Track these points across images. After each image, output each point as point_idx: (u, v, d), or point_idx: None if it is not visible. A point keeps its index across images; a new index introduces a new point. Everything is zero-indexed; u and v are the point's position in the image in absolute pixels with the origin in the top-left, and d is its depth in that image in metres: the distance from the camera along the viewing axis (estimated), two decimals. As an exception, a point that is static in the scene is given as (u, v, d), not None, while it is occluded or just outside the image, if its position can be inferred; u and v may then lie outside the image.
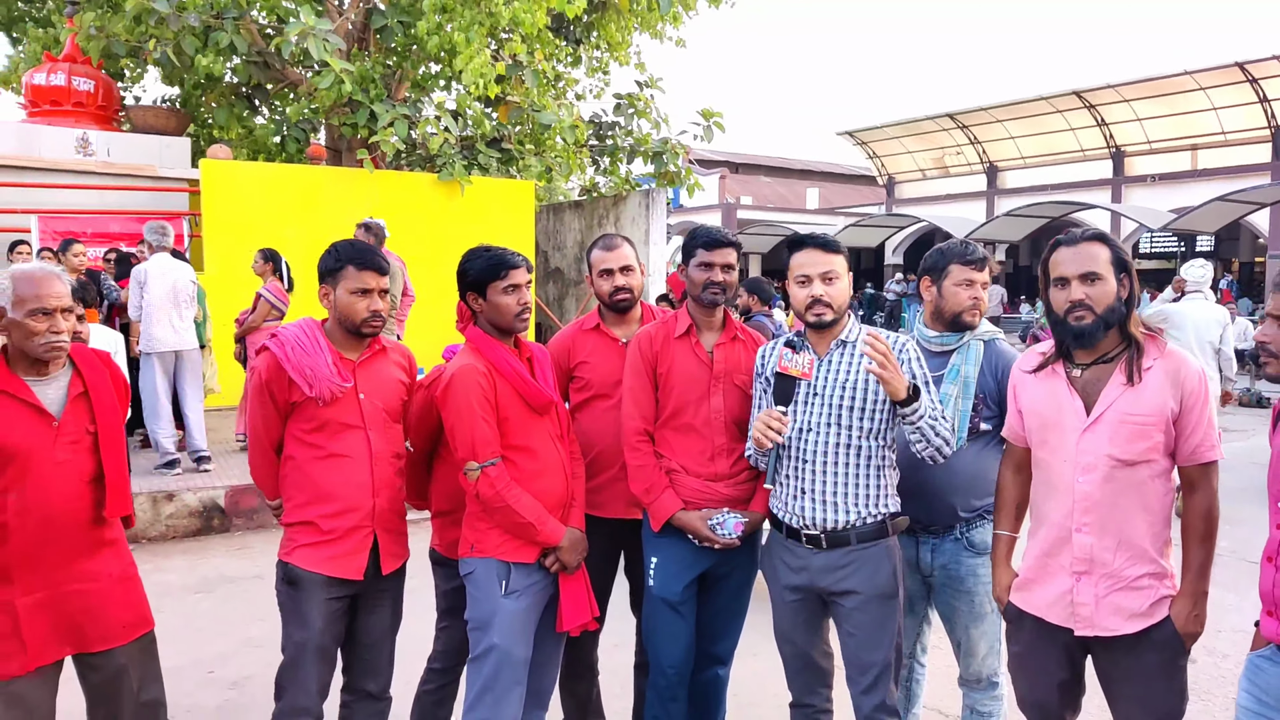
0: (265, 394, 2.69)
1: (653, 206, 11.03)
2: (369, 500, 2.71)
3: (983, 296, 2.87)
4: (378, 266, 2.71)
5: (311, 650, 2.67)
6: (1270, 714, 2.02)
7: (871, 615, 2.53)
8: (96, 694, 2.59)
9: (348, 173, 10.10)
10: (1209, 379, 2.76)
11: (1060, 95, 26.33)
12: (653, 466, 2.82)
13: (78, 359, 2.53)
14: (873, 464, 2.55)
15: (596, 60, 12.45)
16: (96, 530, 2.52)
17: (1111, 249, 2.28)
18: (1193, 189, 23.28)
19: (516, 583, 2.64)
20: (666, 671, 2.85)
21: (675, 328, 2.87)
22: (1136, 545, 2.25)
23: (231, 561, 5.77)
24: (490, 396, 2.63)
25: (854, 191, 39.20)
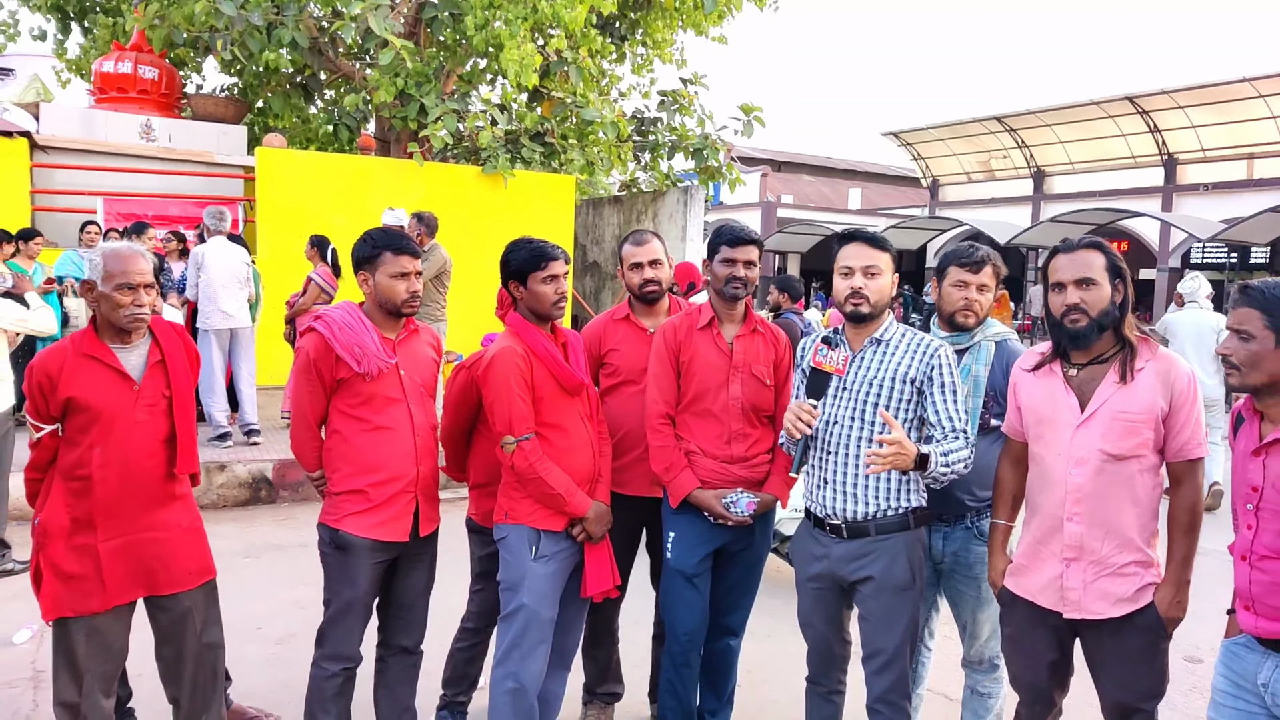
0: (312, 372, 2.88)
1: (691, 203, 11.19)
2: (413, 468, 2.93)
3: (978, 299, 2.94)
4: (412, 251, 2.93)
5: (356, 607, 2.92)
6: (1245, 695, 2.17)
7: (886, 604, 2.65)
8: (164, 633, 2.86)
9: (395, 163, 10.41)
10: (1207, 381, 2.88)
11: (1112, 100, 25.93)
12: (673, 447, 3.01)
13: (156, 330, 2.80)
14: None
15: (641, 57, 12.63)
16: (168, 485, 2.79)
17: (1107, 256, 2.42)
18: (1246, 199, 22.82)
19: (545, 548, 2.87)
20: (680, 638, 3.05)
21: (698, 319, 3.06)
22: (1124, 535, 2.39)
23: (278, 530, 6.08)
24: (527, 377, 2.85)
25: (897, 193, 38.95)
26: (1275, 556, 2.08)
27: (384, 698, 3.09)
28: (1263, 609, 2.11)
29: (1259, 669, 2.14)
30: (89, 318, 2.78)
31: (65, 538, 2.68)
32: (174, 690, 2.92)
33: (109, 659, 2.77)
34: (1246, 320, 2.09)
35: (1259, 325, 2.07)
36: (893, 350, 2.67)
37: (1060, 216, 24.00)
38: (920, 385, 2.64)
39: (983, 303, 2.96)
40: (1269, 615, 2.10)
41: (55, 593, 2.68)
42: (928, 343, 2.67)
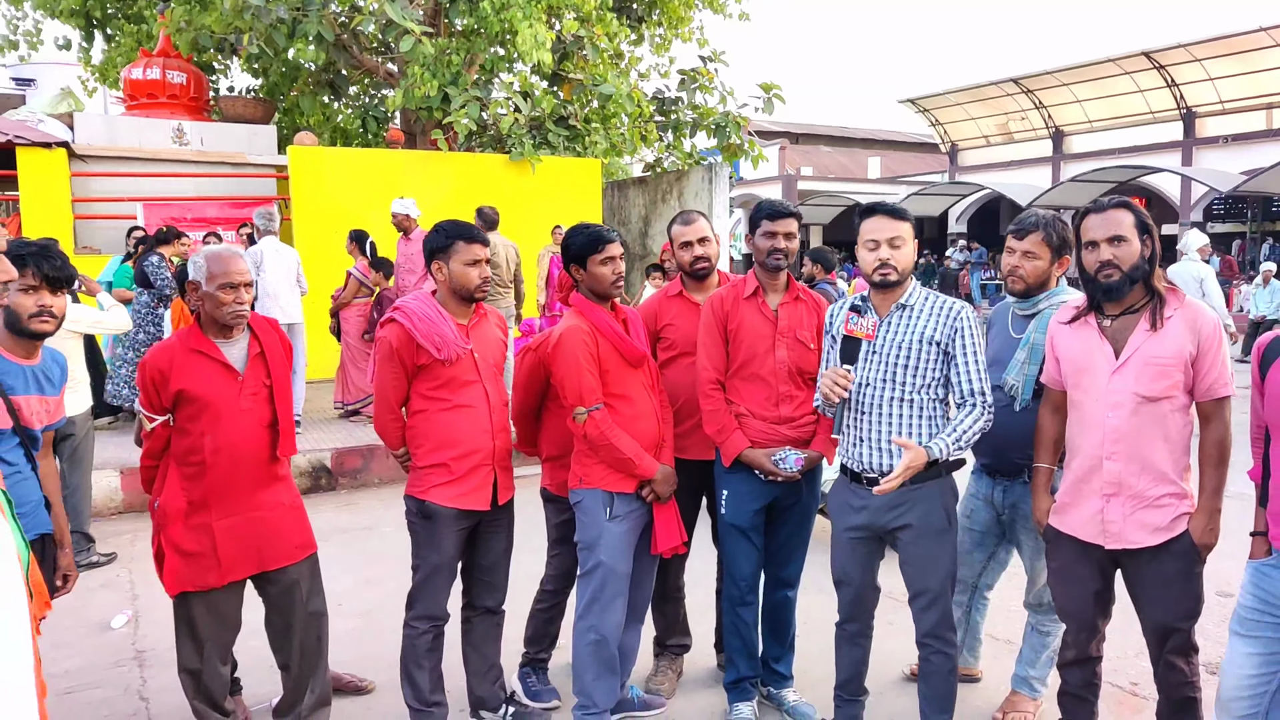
0: (395, 360, 3.10)
1: (715, 180, 11.34)
2: (490, 442, 3.17)
3: (1023, 264, 3.14)
4: (483, 240, 3.15)
5: (443, 570, 3.17)
6: (1273, 611, 2.36)
7: (926, 547, 2.85)
8: (274, 605, 3.12)
9: (424, 155, 10.63)
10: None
11: (1128, 56, 25.69)
12: (724, 410, 3.23)
13: (254, 325, 3.04)
14: (924, 414, 2.83)
15: (659, 37, 12.75)
16: (272, 467, 3.04)
17: (1135, 214, 2.61)
18: (1267, 149, 22.59)
19: (619, 509, 3.10)
20: (739, 583, 3.32)
21: (744, 289, 3.27)
22: (1158, 469, 2.59)
23: (341, 515, 6.36)
24: (593, 352, 3.07)
25: (917, 160, 38.73)
26: None
27: (471, 655, 3.34)
28: None
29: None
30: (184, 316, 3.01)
31: (183, 519, 2.93)
32: (284, 657, 3.18)
33: (226, 629, 3.03)
34: None
35: None
36: (918, 314, 2.84)
37: (1080, 176, 23.88)
38: (945, 346, 2.80)
39: (1028, 269, 3.15)
40: None
41: (177, 569, 2.93)
42: (950, 305, 2.84)
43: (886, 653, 3.53)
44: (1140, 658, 2.89)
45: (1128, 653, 3.78)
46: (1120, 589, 2.78)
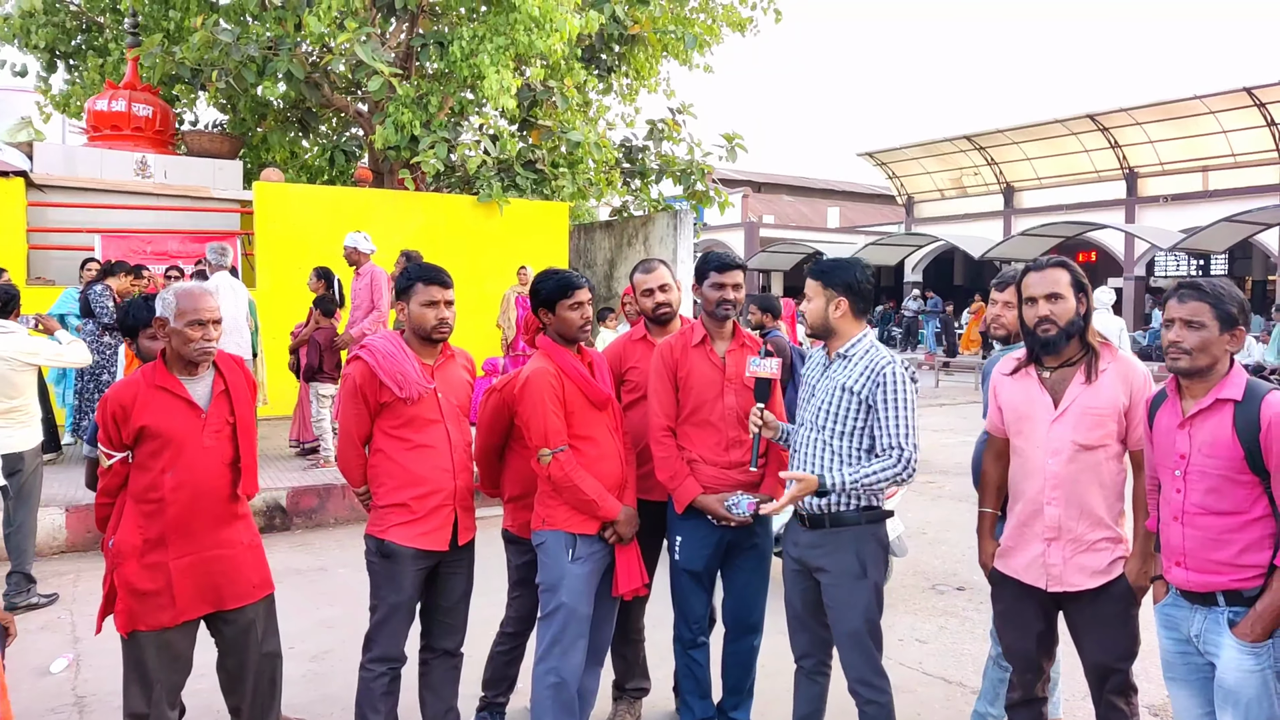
0: (358, 396, 3.13)
1: (680, 227, 11.52)
2: (451, 482, 3.18)
3: (1003, 314, 3.46)
4: (442, 281, 3.20)
5: (401, 611, 3.15)
6: (1189, 652, 2.49)
7: (840, 592, 2.93)
8: (228, 645, 3.08)
9: (392, 195, 10.67)
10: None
11: (1075, 118, 26.71)
12: (676, 457, 3.29)
13: (219, 362, 3.04)
14: (846, 463, 2.91)
15: (627, 88, 13.00)
16: (232, 505, 3.02)
17: (1071, 274, 2.75)
18: (1204, 209, 23.53)
19: (581, 550, 3.12)
20: (691, 625, 3.38)
21: (692, 338, 3.36)
22: (1095, 514, 2.71)
23: (296, 555, 6.26)
24: (559, 394, 3.12)
25: (874, 210, 39.59)
26: (1206, 513, 2.40)
27: (429, 698, 3.31)
28: (1195, 563, 2.42)
29: (1189, 623, 2.46)
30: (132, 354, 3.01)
31: (138, 557, 2.89)
32: (235, 700, 3.13)
33: (177, 670, 2.98)
34: (1199, 313, 2.41)
35: (1209, 316, 2.39)
36: (851, 364, 2.95)
37: (1030, 230, 24.61)
38: (866, 399, 2.89)
39: (1009, 319, 3.44)
40: (1200, 569, 2.41)
41: (130, 608, 2.89)
42: (879, 360, 2.92)
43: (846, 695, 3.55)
44: (1087, 699, 2.97)
45: (1075, 695, 3.86)
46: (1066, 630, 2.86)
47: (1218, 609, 2.41)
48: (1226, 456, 2.36)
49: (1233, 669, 2.35)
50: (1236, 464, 2.34)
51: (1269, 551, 2.33)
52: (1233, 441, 2.34)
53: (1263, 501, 2.35)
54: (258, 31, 9.69)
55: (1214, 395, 2.40)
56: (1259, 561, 2.34)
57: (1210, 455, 2.39)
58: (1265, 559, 2.33)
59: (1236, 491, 2.36)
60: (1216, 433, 2.38)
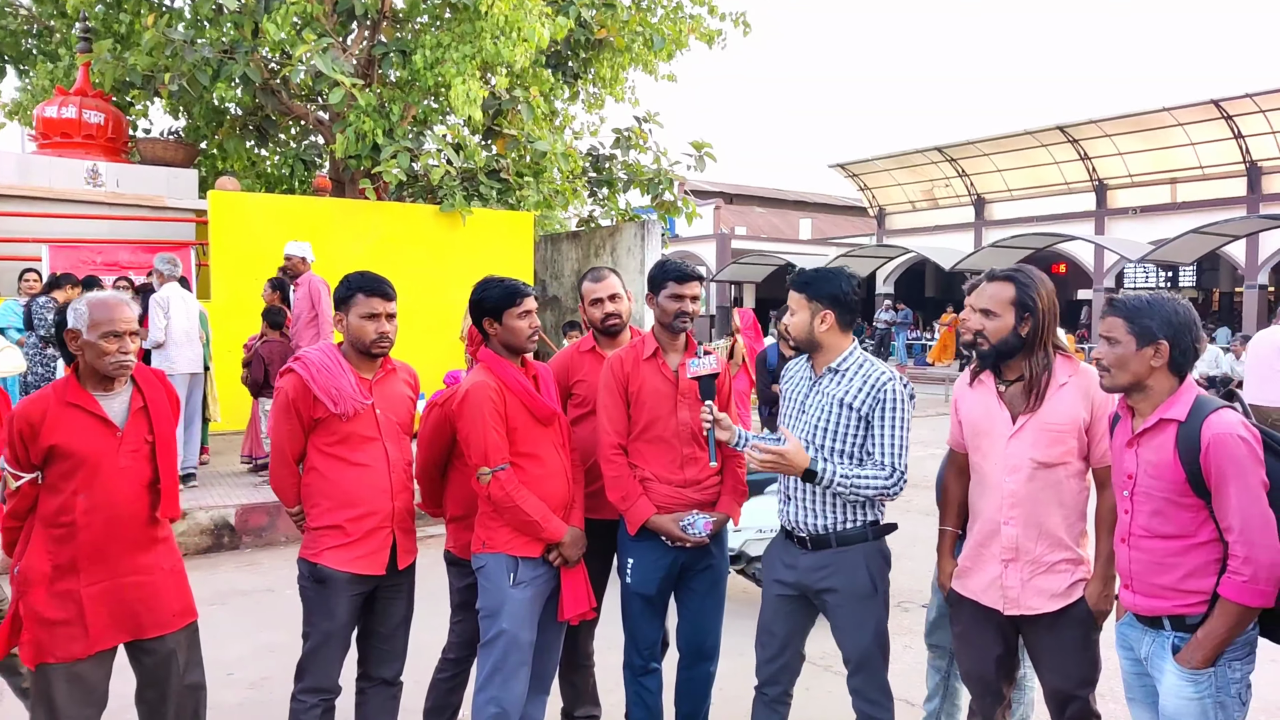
0: (291, 411, 2.98)
1: (648, 237, 11.40)
2: (389, 504, 3.03)
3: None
4: (383, 293, 3.04)
5: (335, 638, 2.99)
6: (1140, 668, 2.42)
7: (852, 612, 2.82)
8: (148, 676, 2.89)
9: (352, 204, 10.46)
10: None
11: (1045, 130, 26.96)
12: (628, 476, 3.14)
13: (138, 377, 2.86)
14: None
15: (593, 96, 12.90)
16: (151, 529, 2.84)
17: (1019, 290, 2.61)
18: (1172, 221, 23.81)
19: (523, 575, 2.97)
20: (643, 651, 3.23)
21: (644, 350, 3.21)
22: (1054, 535, 2.61)
23: (242, 575, 6.04)
24: (500, 409, 2.97)
25: (846, 222, 39.76)
26: (1150, 536, 2.31)
27: (366, 730, 3.14)
28: (1141, 587, 2.34)
29: (1140, 645, 2.39)
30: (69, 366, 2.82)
31: (47, 584, 2.70)
32: (156, 733, 2.94)
33: (90, 704, 2.78)
34: (1113, 328, 2.33)
35: (1123, 331, 2.31)
36: (846, 379, 2.84)
37: (1001, 242, 24.77)
38: (865, 414, 2.79)
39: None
40: (1146, 593, 2.33)
41: (37, 638, 2.69)
42: (879, 375, 2.82)
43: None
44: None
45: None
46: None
47: (1164, 633, 2.32)
48: (1169, 478, 2.26)
49: (1173, 695, 2.27)
50: (1179, 486, 2.25)
51: (1214, 578, 2.23)
52: (1174, 463, 2.25)
53: (1209, 526, 2.25)
54: (212, 35, 9.47)
55: (1159, 414, 2.31)
56: (1203, 588, 2.25)
57: (1154, 476, 2.30)
58: (1209, 585, 2.24)
59: (1181, 514, 2.27)
60: (1160, 453, 2.29)
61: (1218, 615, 2.20)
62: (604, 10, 11.72)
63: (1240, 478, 2.17)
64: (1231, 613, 2.18)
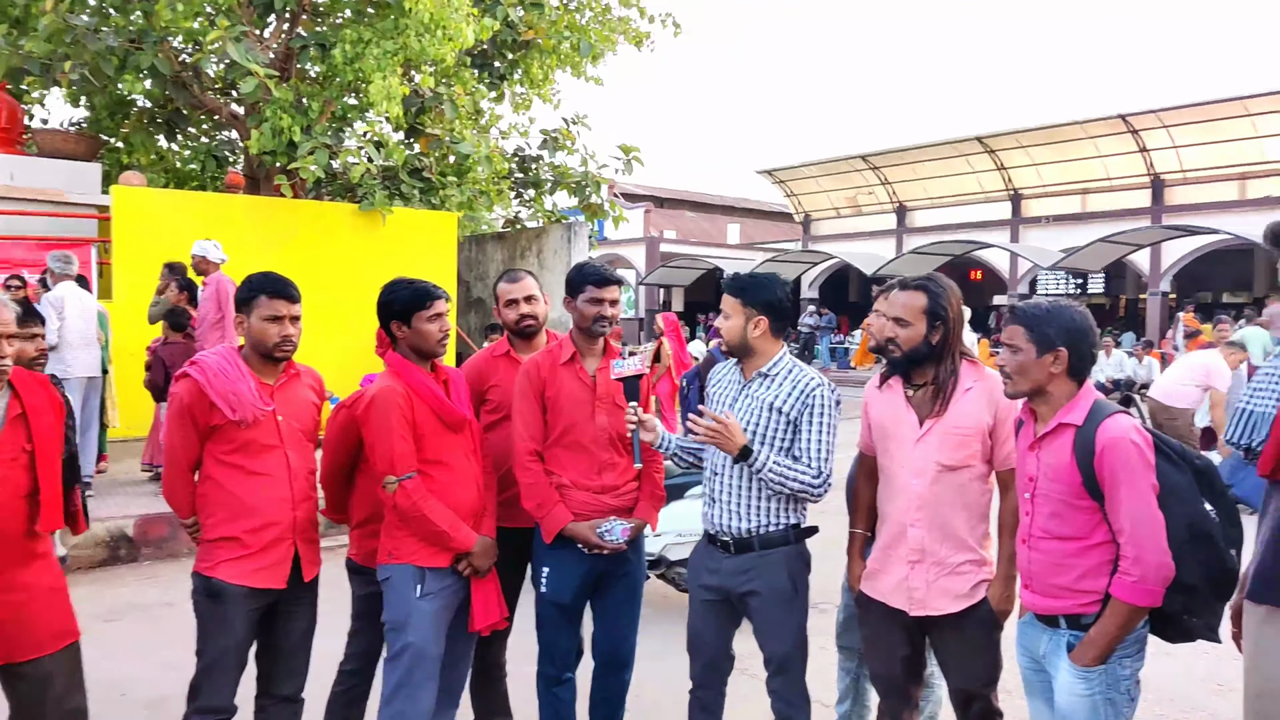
0: (186, 418, 2.86)
1: (575, 239, 11.33)
2: (290, 514, 2.93)
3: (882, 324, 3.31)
4: (287, 295, 2.93)
5: (231, 656, 2.88)
6: (1038, 665, 2.48)
7: (774, 614, 2.85)
8: (22, 701, 2.70)
9: (265, 201, 10.13)
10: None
11: (964, 140, 27.73)
12: (543, 484, 3.09)
13: (17, 382, 2.67)
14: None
15: (520, 97, 12.75)
16: (29, 543, 2.66)
17: (930, 299, 2.66)
18: (1082, 230, 24.70)
19: (431, 585, 2.89)
20: (556, 662, 3.18)
21: (560, 355, 3.16)
22: (958, 537, 2.66)
23: (141, 589, 5.77)
24: (408, 415, 2.88)
25: (773, 227, 40.26)
26: (1049, 537, 2.38)
27: (265, 750, 3.00)
28: (1039, 587, 2.40)
29: (1038, 643, 2.45)
30: None
31: (-90, 603, 2.51)
32: (32, 763, 2.75)
33: (-44, 733, 2.60)
34: (1014, 336, 2.39)
35: (1023, 339, 2.37)
36: (776, 384, 2.86)
37: (921, 248, 25.38)
38: (794, 419, 2.82)
39: (877, 327, 3.29)
40: (1044, 593, 2.39)
41: (-103, 663, 2.50)
42: (809, 381, 2.85)
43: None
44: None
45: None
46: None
47: (1060, 631, 2.38)
48: (1067, 481, 2.33)
49: (1066, 692, 2.34)
50: (1076, 489, 2.32)
51: (1107, 578, 2.30)
52: (1071, 466, 2.31)
53: (1103, 528, 2.32)
54: (118, 23, 9.03)
55: (1058, 419, 2.37)
56: (1097, 588, 2.32)
57: (1053, 479, 2.36)
58: (1103, 585, 2.31)
59: (1077, 517, 2.34)
60: (1058, 457, 2.35)
61: (1109, 614, 2.27)
62: (531, 11, 11.59)
63: (1131, 481, 2.23)
64: (1122, 612, 2.25)
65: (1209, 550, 2.27)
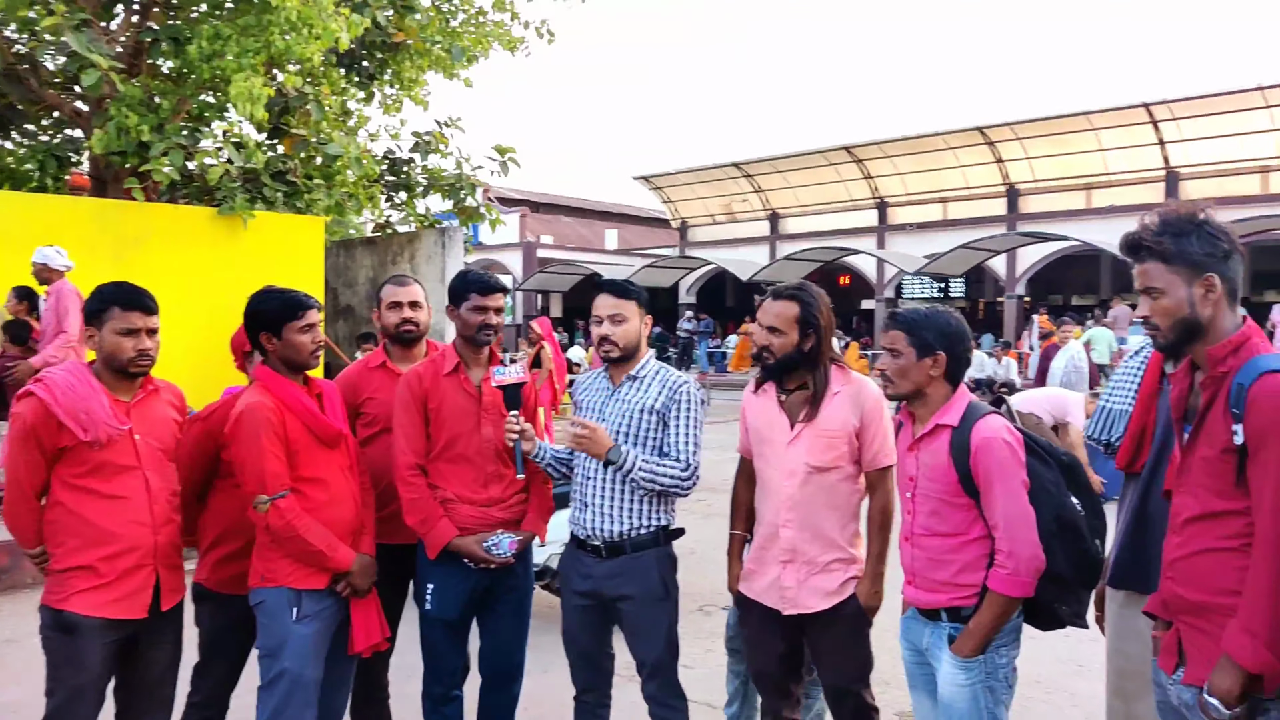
0: (31, 440, 2.65)
1: (450, 244, 11.08)
2: (150, 538, 2.74)
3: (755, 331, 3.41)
4: (142, 306, 2.75)
5: (86, 694, 2.67)
6: (921, 658, 2.57)
7: (646, 616, 2.87)
8: None
9: (115, 205, 9.48)
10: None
11: (833, 149, 28.80)
12: (427, 498, 3.00)
13: None
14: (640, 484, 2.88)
15: (390, 98, 12.40)
16: None
17: (802, 308, 2.75)
18: (944, 237, 26.05)
19: (308, 608, 2.76)
20: (443, 680, 3.10)
21: (444, 365, 3.08)
22: (828, 536, 2.75)
23: (-22, 625, 5.30)
24: (280, 431, 2.75)
25: (650, 234, 40.66)
26: (929, 534, 2.48)
27: (124, 793, 2.80)
28: (922, 582, 2.50)
29: (921, 636, 2.54)
30: None
31: None
32: None
33: None
34: (895, 341, 2.49)
35: (904, 343, 2.47)
36: (645, 385, 2.91)
37: (793, 255, 26.18)
38: (663, 414, 2.88)
39: (758, 335, 3.34)
40: (926, 587, 2.49)
41: None
42: (676, 378, 2.94)
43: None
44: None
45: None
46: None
47: (941, 624, 2.47)
48: (944, 480, 2.43)
49: (947, 682, 2.43)
50: (953, 487, 2.42)
51: (984, 572, 2.40)
52: (949, 465, 2.41)
53: (980, 524, 2.43)
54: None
55: (935, 420, 2.47)
56: (975, 581, 2.42)
57: (932, 479, 2.46)
58: (980, 579, 2.41)
59: (955, 514, 2.44)
60: (936, 457, 2.45)
61: (986, 606, 2.37)
62: (402, 13, 11.28)
63: (1004, 479, 2.34)
64: (998, 603, 2.35)
65: (1076, 541, 2.40)
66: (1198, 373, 2.03)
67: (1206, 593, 1.93)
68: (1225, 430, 1.88)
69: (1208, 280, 1.93)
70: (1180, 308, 1.95)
